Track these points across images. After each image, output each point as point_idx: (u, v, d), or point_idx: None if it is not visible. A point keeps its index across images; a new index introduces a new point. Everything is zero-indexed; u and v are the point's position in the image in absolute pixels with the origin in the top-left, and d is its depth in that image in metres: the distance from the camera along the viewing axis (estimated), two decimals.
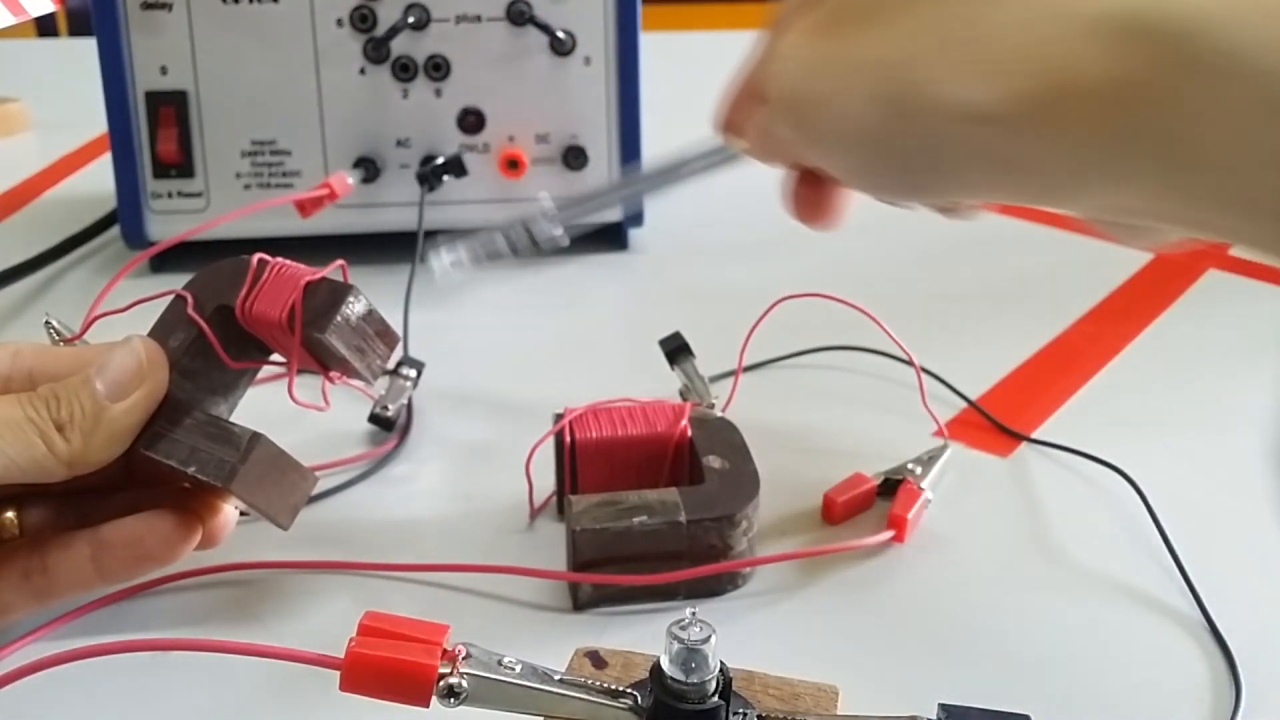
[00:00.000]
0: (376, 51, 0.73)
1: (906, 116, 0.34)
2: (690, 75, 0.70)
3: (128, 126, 0.73)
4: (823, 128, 0.36)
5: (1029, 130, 0.31)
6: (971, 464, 0.55)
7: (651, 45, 0.75)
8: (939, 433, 0.55)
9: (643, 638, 0.43)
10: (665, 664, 0.33)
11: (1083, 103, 0.30)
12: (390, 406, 0.56)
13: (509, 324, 0.70)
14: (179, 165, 0.74)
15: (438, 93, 0.74)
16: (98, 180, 0.92)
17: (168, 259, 0.73)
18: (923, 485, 0.50)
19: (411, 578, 0.47)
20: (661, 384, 0.55)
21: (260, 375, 0.47)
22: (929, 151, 0.34)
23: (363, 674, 0.31)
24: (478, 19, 0.73)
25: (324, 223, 0.71)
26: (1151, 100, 0.29)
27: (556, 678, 0.33)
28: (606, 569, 0.44)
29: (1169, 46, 0.28)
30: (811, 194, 0.43)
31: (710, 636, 0.32)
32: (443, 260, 0.50)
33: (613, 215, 0.77)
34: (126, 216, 0.74)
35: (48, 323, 0.46)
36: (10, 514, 0.43)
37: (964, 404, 0.59)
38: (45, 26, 2.00)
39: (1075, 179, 0.32)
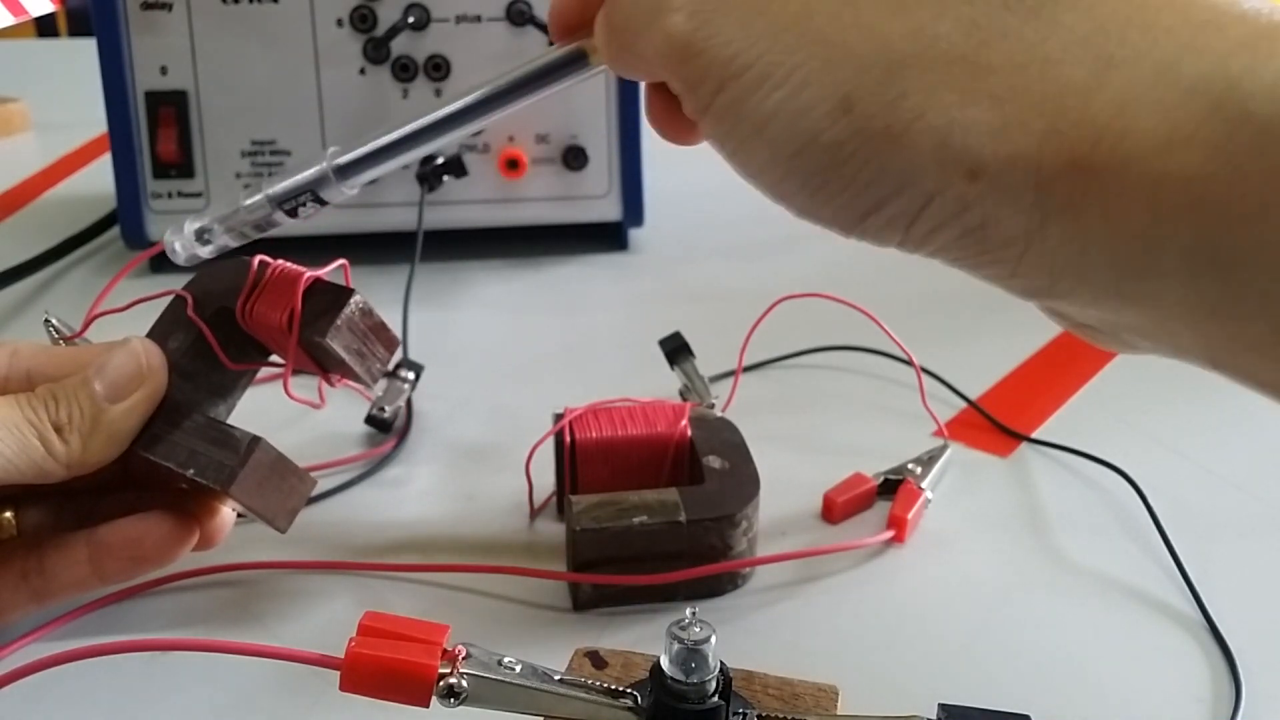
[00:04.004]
0: (376, 51, 0.73)
1: (874, 139, 0.26)
2: None
3: (128, 126, 0.73)
4: (743, 110, 0.28)
5: (1041, 207, 0.25)
6: (971, 464, 0.55)
7: None
8: (939, 433, 0.55)
9: (643, 638, 0.43)
10: (665, 664, 0.33)
11: (1144, 192, 0.24)
12: (387, 408, 0.56)
13: (509, 324, 0.70)
14: (179, 165, 0.74)
15: (438, 93, 0.74)
16: (98, 180, 0.92)
17: (168, 259, 0.73)
18: (923, 485, 0.50)
19: (411, 578, 0.47)
20: (661, 384, 0.55)
21: (258, 376, 0.47)
22: (885, 189, 0.27)
23: (363, 674, 0.31)
24: (478, 19, 0.73)
25: (324, 223, 0.70)
26: (1236, 214, 0.23)
27: (556, 678, 0.33)
28: (606, 569, 0.44)
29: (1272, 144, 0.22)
30: (671, 108, 0.34)
31: (710, 636, 0.32)
32: (185, 235, 0.41)
33: (612, 214, 0.77)
34: (126, 216, 0.74)
35: (47, 321, 0.46)
36: (8, 514, 0.42)
37: (964, 404, 0.59)
38: (45, 26, 2.00)
39: (1071, 278, 0.26)
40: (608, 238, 0.80)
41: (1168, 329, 0.26)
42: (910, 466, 0.52)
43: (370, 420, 0.56)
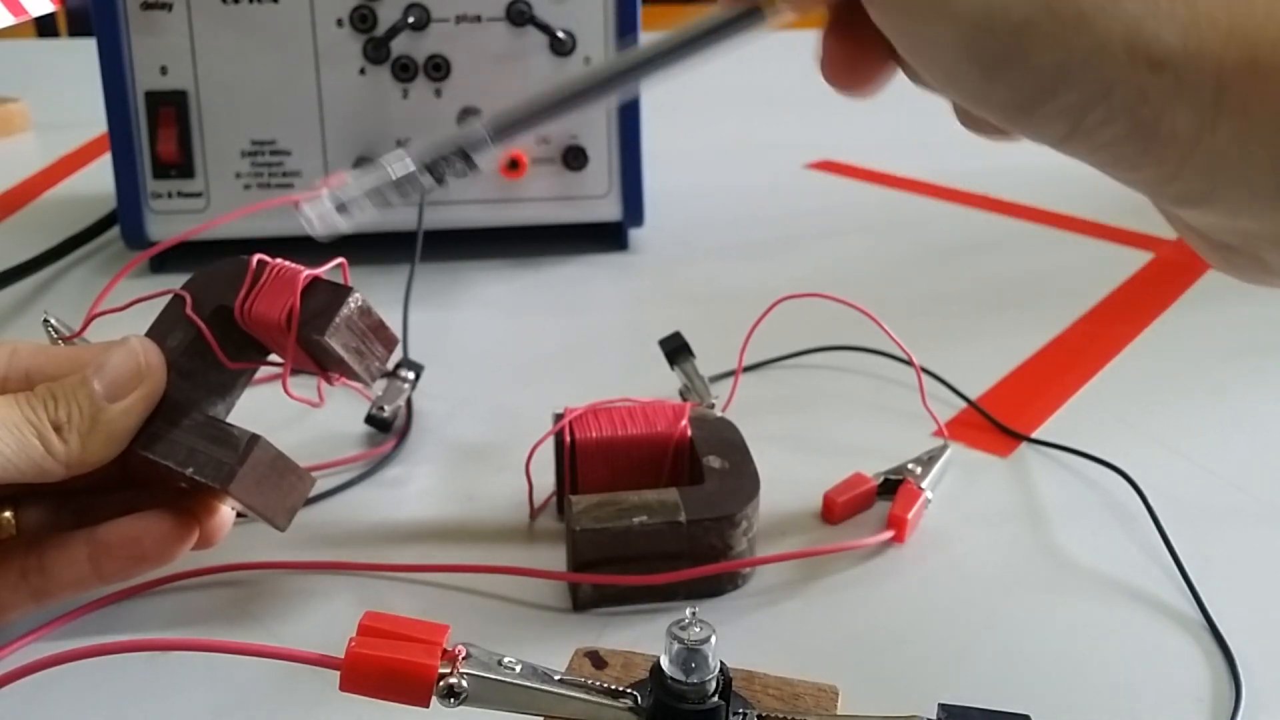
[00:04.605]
0: (376, 51, 0.73)
1: (1066, 21, 0.26)
2: (690, 75, 0.70)
3: (128, 126, 0.73)
4: None
5: (1216, 104, 0.26)
6: (971, 464, 0.55)
7: None
8: (939, 433, 0.55)
9: (643, 638, 0.43)
10: (665, 664, 0.33)
11: None
12: (387, 408, 0.56)
13: (509, 324, 0.70)
14: (179, 165, 0.74)
15: (438, 93, 0.74)
16: (98, 180, 0.92)
17: (168, 259, 0.73)
18: (923, 485, 0.50)
19: (411, 578, 0.47)
20: (661, 384, 0.55)
21: (258, 376, 0.47)
22: (1068, 74, 0.27)
23: (363, 674, 0.31)
24: (478, 19, 0.73)
25: None
26: None
27: (556, 678, 0.33)
28: (606, 569, 0.44)
29: None
30: (848, 51, 0.34)
31: (710, 636, 0.32)
32: (324, 205, 0.39)
33: (612, 214, 0.77)
34: (126, 216, 0.74)
35: (46, 320, 0.46)
36: (8, 514, 0.42)
37: (964, 404, 0.59)
38: (45, 26, 2.00)
39: (1231, 181, 0.27)
40: (608, 238, 0.80)
41: None
42: (910, 466, 0.52)
43: (370, 420, 0.56)
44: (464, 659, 0.32)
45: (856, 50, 0.33)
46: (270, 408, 0.48)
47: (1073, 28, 0.26)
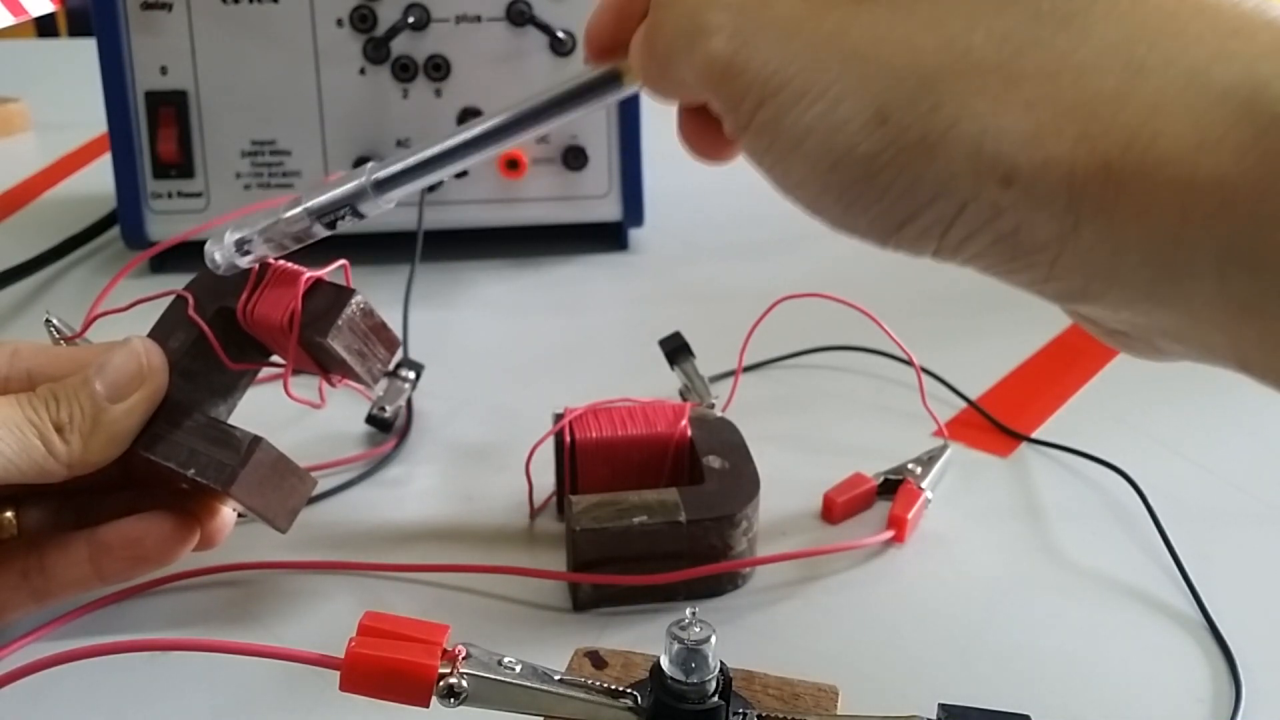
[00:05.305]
0: (376, 51, 0.73)
1: (909, 150, 0.27)
2: None
3: (128, 126, 0.73)
4: (782, 126, 0.28)
5: (1074, 211, 0.25)
6: (971, 464, 0.55)
7: None
8: (939, 433, 0.55)
9: (643, 638, 0.43)
10: (665, 664, 0.33)
11: (1176, 195, 0.24)
12: (388, 408, 0.56)
13: (509, 324, 0.70)
14: (179, 165, 0.74)
15: (438, 93, 0.74)
16: (98, 180, 0.92)
17: (168, 259, 0.73)
18: (923, 485, 0.50)
19: (411, 578, 0.47)
20: (661, 384, 0.55)
21: (259, 377, 0.47)
22: (920, 198, 0.27)
23: (363, 674, 0.31)
24: (478, 19, 0.73)
25: None
26: (1266, 214, 0.23)
27: (556, 678, 0.33)
28: (606, 569, 0.44)
29: None
30: (703, 129, 0.34)
31: (710, 636, 0.32)
32: (225, 246, 0.42)
33: (612, 214, 0.77)
34: (126, 216, 0.74)
35: (48, 321, 0.46)
36: (9, 514, 0.43)
37: (964, 404, 0.59)
38: (45, 26, 2.00)
39: (1104, 280, 0.26)
40: (608, 238, 0.80)
41: (1199, 331, 0.27)
42: (910, 466, 0.52)
43: (371, 420, 0.56)
44: (464, 659, 0.32)
45: (712, 129, 0.33)
46: (271, 408, 0.48)
47: (917, 155, 0.27)
